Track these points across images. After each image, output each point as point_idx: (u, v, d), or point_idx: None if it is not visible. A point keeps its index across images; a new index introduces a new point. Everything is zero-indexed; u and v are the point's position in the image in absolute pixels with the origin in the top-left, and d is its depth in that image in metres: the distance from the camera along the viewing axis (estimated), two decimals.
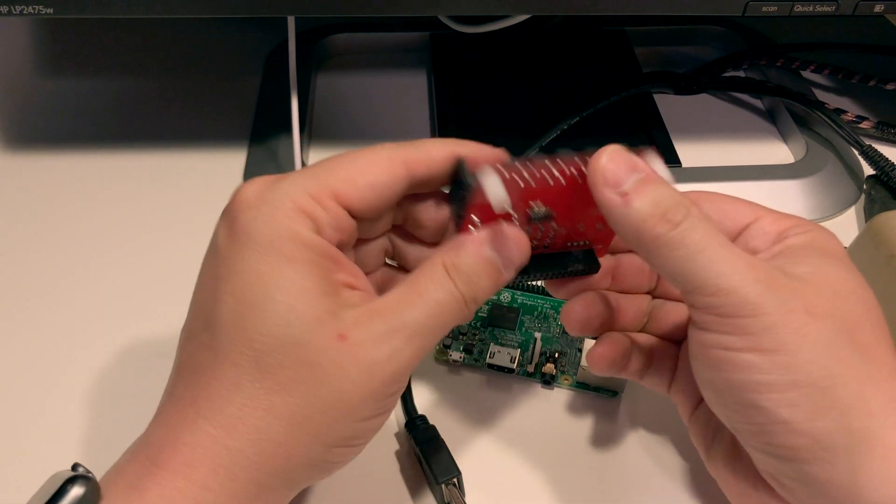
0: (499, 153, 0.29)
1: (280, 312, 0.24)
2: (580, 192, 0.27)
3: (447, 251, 0.27)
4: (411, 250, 0.31)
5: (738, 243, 0.28)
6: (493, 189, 0.26)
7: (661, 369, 0.31)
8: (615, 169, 0.25)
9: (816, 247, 0.27)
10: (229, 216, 0.26)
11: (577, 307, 0.30)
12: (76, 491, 0.23)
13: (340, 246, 0.27)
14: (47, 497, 0.23)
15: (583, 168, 0.26)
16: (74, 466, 0.25)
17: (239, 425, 0.24)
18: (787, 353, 0.24)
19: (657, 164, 0.26)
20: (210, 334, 0.25)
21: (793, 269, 0.26)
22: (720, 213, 0.28)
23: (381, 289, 0.30)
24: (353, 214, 0.27)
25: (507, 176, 0.26)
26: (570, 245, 0.30)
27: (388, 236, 0.31)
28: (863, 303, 0.26)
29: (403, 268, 0.31)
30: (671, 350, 0.31)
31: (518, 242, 0.27)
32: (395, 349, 0.25)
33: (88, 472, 0.24)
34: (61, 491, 0.23)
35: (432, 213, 0.30)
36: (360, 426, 0.26)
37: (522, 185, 0.26)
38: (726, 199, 0.29)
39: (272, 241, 0.25)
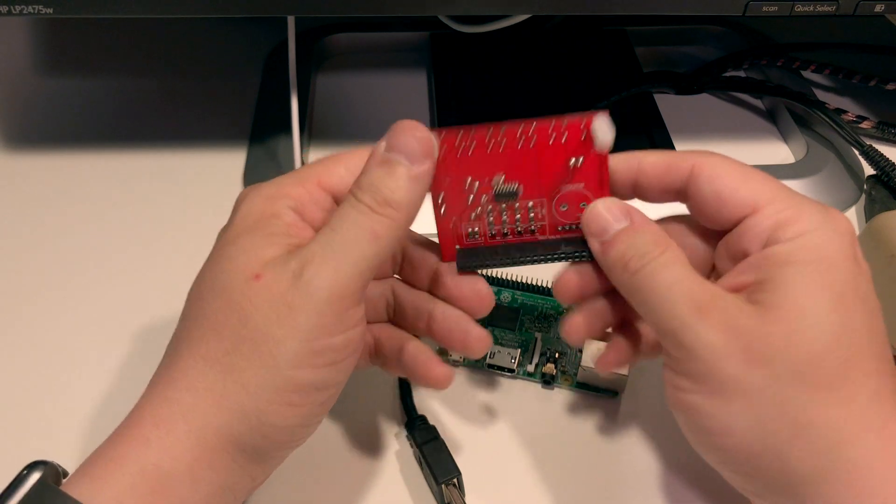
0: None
1: (220, 268, 0.26)
2: (542, 160, 0.28)
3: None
4: (409, 298, 0.31)
5: (730, 240, 0.27)
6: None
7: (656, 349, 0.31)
8: (603, 220, 0.28)
9: (805, 257, 0.25)
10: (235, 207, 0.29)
11: (580, 321, 0.29)
12: (34, 476, 0.24)
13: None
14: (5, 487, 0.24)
15: (542, 134, 0.28)
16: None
17: (180, 377, 0.25)
18: (724, 399, 0.24)
19: (606, 129, 0.28)
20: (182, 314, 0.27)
21: (763, 295, 0.25)
22: (717, 202, 0.27)
23: (382, 345, 0.31)
24: (336, 199, 0.29)
25: (459, 142, 0.28)
26: (562, 230, 0.29)
27: (390, 286, 0.31)
28: (859, 324, 0.25)
29: (402, 322, 0.31)
30: None
31: (411, 127, 0.26)
32: (307, 277, 0.24)
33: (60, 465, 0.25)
34: (19, 478, 0.24)
35: (422, 254, 0.31)
36: (289, 376, 0.25)
37: (475, 152, 0.28)
38: (730, 178, 0.27)
39: (245, 219, 0.27)
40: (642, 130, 0.49)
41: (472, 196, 0.29)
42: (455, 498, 0.30)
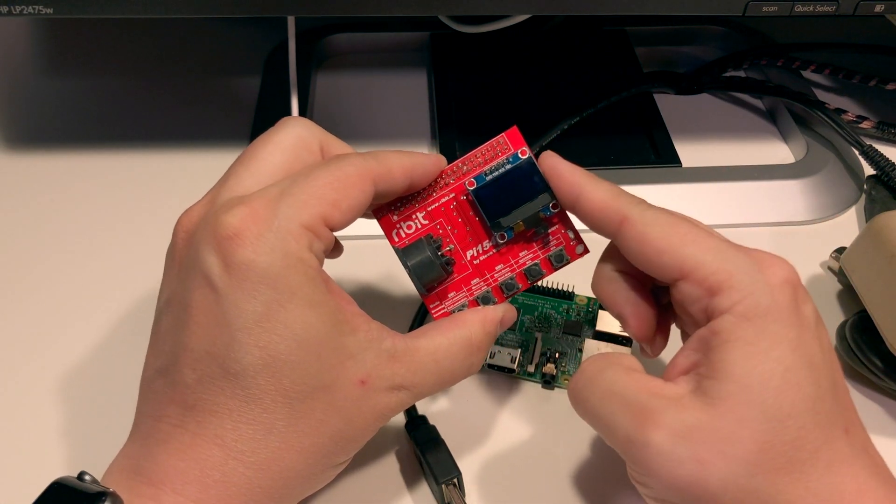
0: (438, 159, 0.30)
1: (310, 363, 0.26)
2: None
3: (477, 329, 0.29)
4: None
5: (675, 298, 0.27)
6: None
7: None
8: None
9: (746, 334, 0.25)
10: (222, 250, 0.25)
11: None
12: None
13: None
14: None
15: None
16: (81, 475, 0.24)
17: (273, 466, 0.26)
18: (693, 502, 0.25)
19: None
20: (237, 383, 0.25)
21: (710, 382, 0.25)
22: (645, 264, 0.27)
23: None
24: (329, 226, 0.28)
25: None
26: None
27: None
28: (803, 397, 0.24)
29: None
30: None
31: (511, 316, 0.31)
32: (401, 401, 0.28)
33: (105, 487, 0.24)
34: None
35: None
36: (355, 451, 0.29)
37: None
38: (656, 242, 0.27)
39: (284, 281, 0.25)
40: (642, 130, 0.49)
41: None
42: (455, 498, 0.30)
